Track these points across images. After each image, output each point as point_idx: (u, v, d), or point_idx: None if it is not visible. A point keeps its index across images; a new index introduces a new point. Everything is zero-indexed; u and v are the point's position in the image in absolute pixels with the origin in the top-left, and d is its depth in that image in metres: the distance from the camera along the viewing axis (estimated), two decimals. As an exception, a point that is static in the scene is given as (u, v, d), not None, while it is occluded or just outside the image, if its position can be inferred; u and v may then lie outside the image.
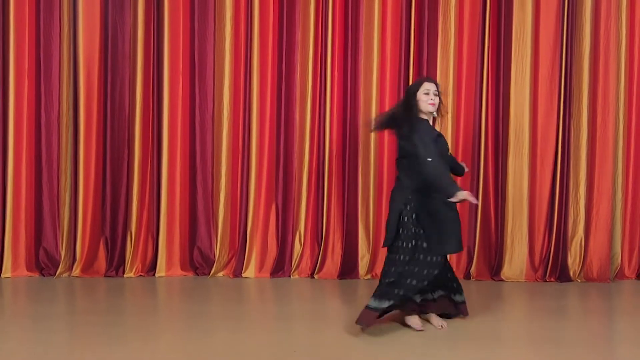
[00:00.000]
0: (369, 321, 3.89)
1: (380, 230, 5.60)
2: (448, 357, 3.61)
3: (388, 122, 4.13)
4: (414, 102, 3.99)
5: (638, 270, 5.67)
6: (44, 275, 5.52)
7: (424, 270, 3.87)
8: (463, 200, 3.79)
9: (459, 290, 4.23)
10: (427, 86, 4.00)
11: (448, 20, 5.54)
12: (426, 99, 3.97)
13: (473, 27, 5.59)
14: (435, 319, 4.12)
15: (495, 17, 5.58)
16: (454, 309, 4.23)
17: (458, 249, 3.99)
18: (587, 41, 5.49)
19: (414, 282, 3.87)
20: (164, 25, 5.50)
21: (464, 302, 4.24)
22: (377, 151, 5.55)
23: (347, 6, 5.56)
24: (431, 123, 4.07)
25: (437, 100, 4.01)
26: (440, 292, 4.17)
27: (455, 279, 4.24)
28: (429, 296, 4.12)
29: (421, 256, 3.89)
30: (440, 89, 4.09)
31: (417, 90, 4.00)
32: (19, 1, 5.44)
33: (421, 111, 3.99)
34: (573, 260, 5.58)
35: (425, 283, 3.90)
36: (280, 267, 5.60)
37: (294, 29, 5.57)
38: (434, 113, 4.06)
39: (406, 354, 3.61)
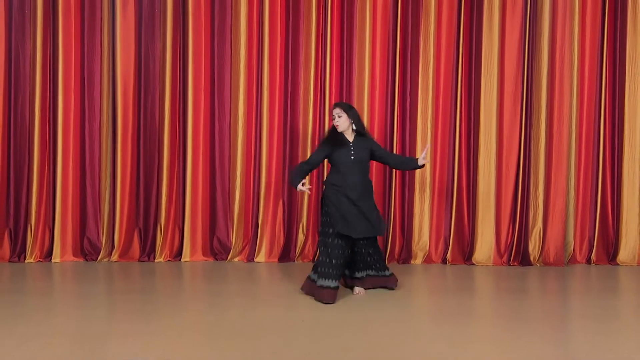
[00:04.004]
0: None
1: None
2: (426, 330, 3.64)
3: None
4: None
5: (587, 256, 5.69)
6: (87, 260, 5.55)
7: None
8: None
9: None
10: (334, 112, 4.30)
11: (428, 44, 5.56)
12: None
13: (449, 49, 5.60)
14: None
15: (467, 41, 5.59)
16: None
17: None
18: (545, 63, 5.51)
19: None
20: (189, 49, 5.52)
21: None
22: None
23: (343, 32, 5.57)
24: (350, 138, 4.31)
25: (341, 120, 4.25)
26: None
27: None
28: None
29: None
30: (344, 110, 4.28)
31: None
32: (66, 30, 5.45)
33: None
34: (533, 247, 5.61)
35: None
36: (287, 253, 5.63)
37: (298, 52, 5.58)
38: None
39: (390, 327, 3.65)
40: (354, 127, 4.30)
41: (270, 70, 5.58)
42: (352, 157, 4.23)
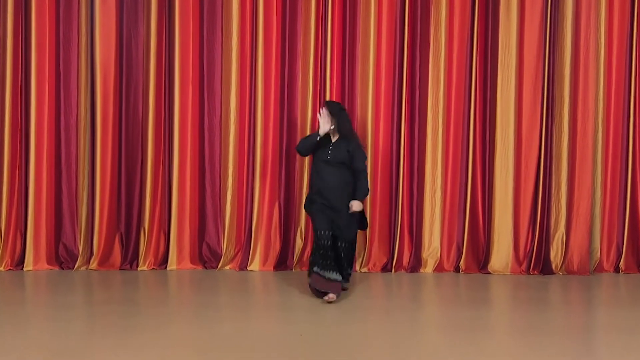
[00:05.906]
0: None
1: (375, 228, 5.62)
2: (439, 345, 3.64)
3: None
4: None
5: (616, 264, 5.69)
6: (63, 269, 5.53)
7: None
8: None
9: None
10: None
11: (439, 32, 5.56)
12: None
13: (462, 38, 5.60)
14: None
15: (482, 28, 5.59)
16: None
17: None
18: (568, 51, 5.52)
19: None
20: (175, 36, 5.52)
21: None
22: (372, 152, 5.58)
23: (345, 17, 5.57)
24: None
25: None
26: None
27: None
28: None
29: None
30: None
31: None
32: (39, 14, 5.45)
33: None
34: (555, 255, 5.61)
35: None
36: (283, 261, 5.62)
37: (296, 39, 5.58)
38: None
39: (396, 341, 3.64)
40: (339, 129, 4.66)
41: (265, 60, 5.58)
42: (329, 158, 4.60)
